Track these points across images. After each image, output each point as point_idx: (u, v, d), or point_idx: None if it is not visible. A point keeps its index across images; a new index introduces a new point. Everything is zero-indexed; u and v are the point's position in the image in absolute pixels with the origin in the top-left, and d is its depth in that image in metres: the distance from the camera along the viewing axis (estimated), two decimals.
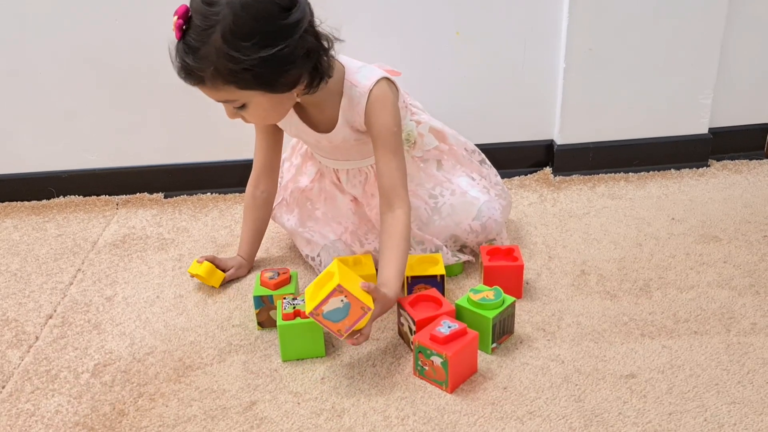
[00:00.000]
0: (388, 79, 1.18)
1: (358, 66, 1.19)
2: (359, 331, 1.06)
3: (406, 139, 1.31)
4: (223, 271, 1.35)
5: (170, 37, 1.02)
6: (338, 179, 1.35)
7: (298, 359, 1.13)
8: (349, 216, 1.35)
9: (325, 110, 1.19)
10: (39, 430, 1.02)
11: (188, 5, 1.01)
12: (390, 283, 1.13)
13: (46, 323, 1.27)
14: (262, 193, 1.35)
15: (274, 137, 1.31)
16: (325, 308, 1.03)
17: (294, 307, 1.12)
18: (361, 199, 1.35)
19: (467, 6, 1.60)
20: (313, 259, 1.36)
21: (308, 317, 1.10)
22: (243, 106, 1.08)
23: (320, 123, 1.21)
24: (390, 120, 1.17)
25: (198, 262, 1.32)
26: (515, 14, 1.62)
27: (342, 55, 1.17)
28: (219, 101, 1.07)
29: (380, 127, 1.17)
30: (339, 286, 1.01)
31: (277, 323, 1.11)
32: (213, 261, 1.34)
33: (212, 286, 1.33)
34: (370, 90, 1.16)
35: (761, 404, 1.00)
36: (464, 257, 1.33)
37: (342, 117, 1.19)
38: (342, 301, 1.02)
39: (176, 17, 1.00)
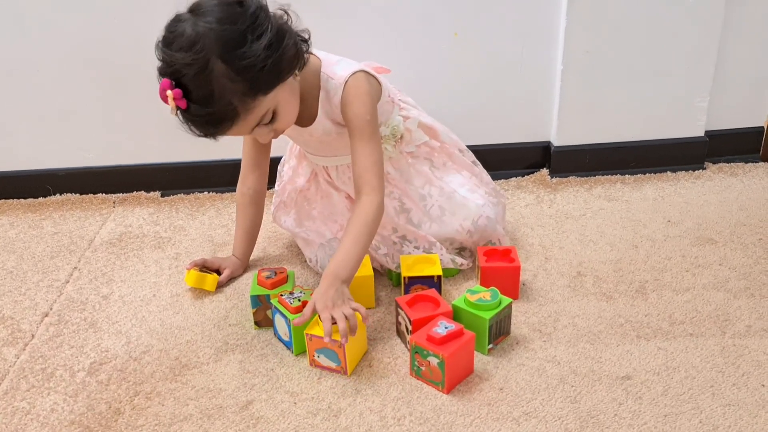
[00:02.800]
0: (366, 72, 1.19)
1: (336, 59, 1.20)
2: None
3: (392, 134, 1.30)
4: (217, 271, 1.35)
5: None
6: (329, 176, 1.35)
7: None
8: (345, 213, 1.35)
9: (305, 104, 1.19)
10: (34, 429, 1.02)
11: (165, 72, 1.00)
12: (332, 267, 1.11)
13: (42, 321, 1.27)
14: (249, 189, 1.35)
15: None
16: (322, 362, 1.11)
17: (299, 300, 1.13)
18: (353, 195, 1.35)
19: (466, 7, 1.60)
20: (311, 260, 1.36)
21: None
22: (273, 116, 1.08)
23: (301, 117, 1.21)
24: (362, 109, 1.17)
25: (187, 269, 1.32)
26: (513, 16, 1.62)
27: (319, 51, 1.18)
28: (253, 126, 1.07)
29: (353, 116, 1.17)
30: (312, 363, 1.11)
31: (289, 317, 1.11)
32: (204, 264, 1.34)
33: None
34: (346, 81, 1.16)
35: (756, 406, 1.00)
36: (461, 261, 1.33)
37: (321, 109, 1.20)
38: (325, 355, 1.09)
39: (169, 90, 0.98)
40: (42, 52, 1.61)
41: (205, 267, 1.34)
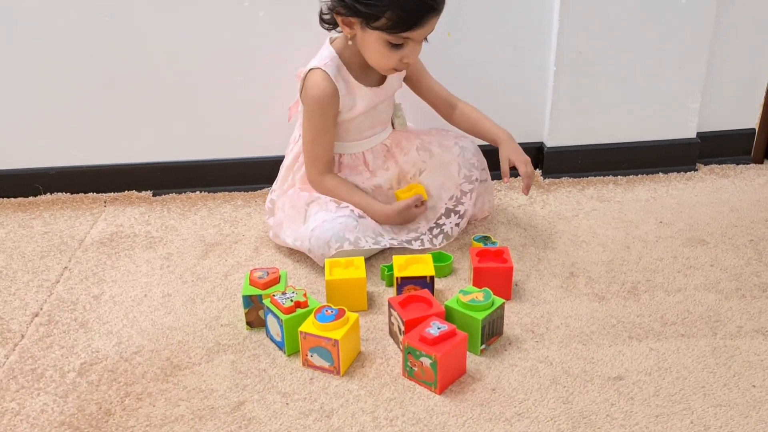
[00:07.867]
0: None
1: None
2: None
3: (402, 123, 1.53)
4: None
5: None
6: (366, 162, 1.46)
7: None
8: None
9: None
10: (24, 430, 1.01)
11: None
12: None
13: (31, 321, 1.26)
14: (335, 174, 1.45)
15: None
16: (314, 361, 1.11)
17: (292, 301, 1.13)
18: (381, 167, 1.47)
19: (459, 7, 1.60)
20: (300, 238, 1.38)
21: (307, 307, 1.13)
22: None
23: (376, 78, 1.43)
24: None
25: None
26: (506, 16, 1.62)
27: None
28: (430, 33, 1.32)
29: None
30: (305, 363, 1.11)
31: (281, 317, 1.11)
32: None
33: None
34: None
35: (747, 407, 1.01)
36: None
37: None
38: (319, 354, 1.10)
39: None
40: (32, 51, 1.59)
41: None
